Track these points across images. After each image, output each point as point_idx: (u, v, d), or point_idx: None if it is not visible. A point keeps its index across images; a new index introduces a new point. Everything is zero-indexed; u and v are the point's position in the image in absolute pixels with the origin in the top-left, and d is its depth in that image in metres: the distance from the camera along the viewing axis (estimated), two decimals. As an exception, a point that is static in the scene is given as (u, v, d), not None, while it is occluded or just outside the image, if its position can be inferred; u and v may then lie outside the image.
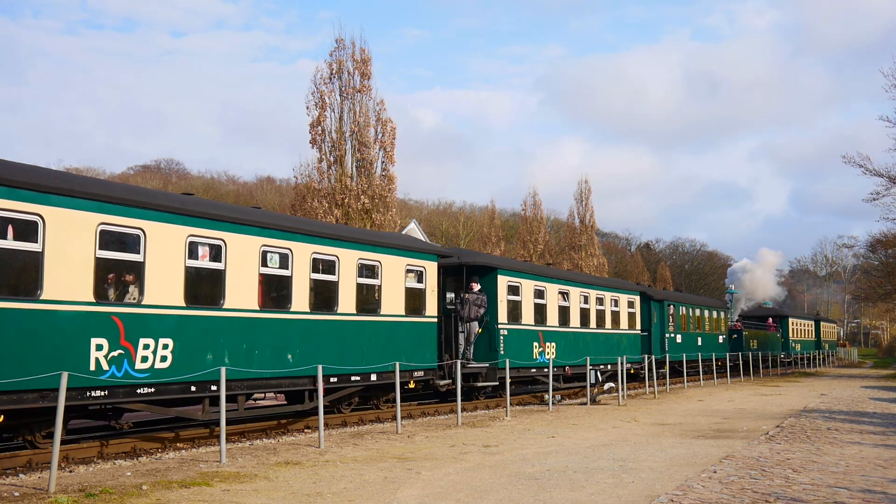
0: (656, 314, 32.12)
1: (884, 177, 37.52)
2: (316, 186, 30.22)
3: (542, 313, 23.11)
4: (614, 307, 28.23)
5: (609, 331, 27.66)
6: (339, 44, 31.16)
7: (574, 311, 25.15)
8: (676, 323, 34.02)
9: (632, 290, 30.44)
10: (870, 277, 60.37)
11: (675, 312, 33.97)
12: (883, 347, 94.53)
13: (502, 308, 21.05)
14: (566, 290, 24.76)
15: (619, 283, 30.93)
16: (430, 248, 19.31)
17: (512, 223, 71.89)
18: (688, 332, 35.54)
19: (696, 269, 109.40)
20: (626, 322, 29.10)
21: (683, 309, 35.49)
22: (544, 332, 23.04)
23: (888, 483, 9.94)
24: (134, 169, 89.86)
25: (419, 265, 18.19)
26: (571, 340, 24.74)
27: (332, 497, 8.98)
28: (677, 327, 34.00)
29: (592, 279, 28.85)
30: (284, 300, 14.68)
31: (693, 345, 35.86)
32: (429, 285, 18.33)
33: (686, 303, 36.48)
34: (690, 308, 36.59)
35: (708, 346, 38.02)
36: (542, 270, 24.34)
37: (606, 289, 28.11)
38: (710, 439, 14.50)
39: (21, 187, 10.47)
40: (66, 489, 9.23)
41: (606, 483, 9.88)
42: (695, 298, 40.78)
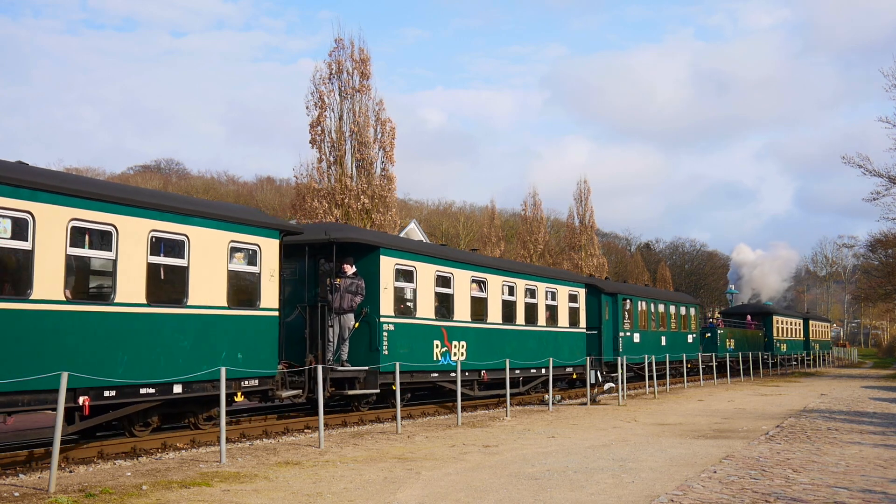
0: (608, 310, 28.20)
1: (884, 177, 37.54)
2: (316, 186, 30.23)
3: (447, 305, 19.28)
4: (550, 300, 24.11)
5: (542, 328, 23.53)
6: (338, 44, 31.20)
7: (493, 304, 21.12)
8: (634, 320, 29.88)
9: (575, 282, 26.36)
10: (870, 277, 60.41)
11: (632, 308, 29.80)
12: (883, 347, 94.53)
13: (387, 297, 17.20)
14: (482, 279, 20.72)
15: (557, 273, 26.83)
16: (268, 221, 14.66)
17: (512, 223, 71.88)
18: (648, 330, 31.42)
19: (697, 269, 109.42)
20: (567, 318, 25.04)
21: (643, 304, 31.30)
22: (450, 327, 19.12)
23: (888, 483, 9.94)
24: (134, 169, 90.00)
25: (250, 242, 13.94)
26: (489, 339, 20.73)
27: (332, 497, 8.98)
28: (635, 325, 29.93)
29: (521, 266, 24.87)
30: (21, 285, 10.56)
31: (655, 345, 31.73)
32: (266, 268, 14.15)
33: (646, 297, 32.21)
34: (652, 303, 32.38)
35: (674, 347, 33.76)
36: (447, 253, 20.37)
37: (540, 278, 23.94)
38: (710, 439, 14.50)
39: None
40: (66, 489, 9.23)
41: (606, 483, 9.88)
42: (658, 292, 36.60)
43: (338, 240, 16.52)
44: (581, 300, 26.13)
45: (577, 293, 26.01)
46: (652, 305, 32.29)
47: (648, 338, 31.24)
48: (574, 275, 28.85)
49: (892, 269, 49.97)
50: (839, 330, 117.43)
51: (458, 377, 17.69)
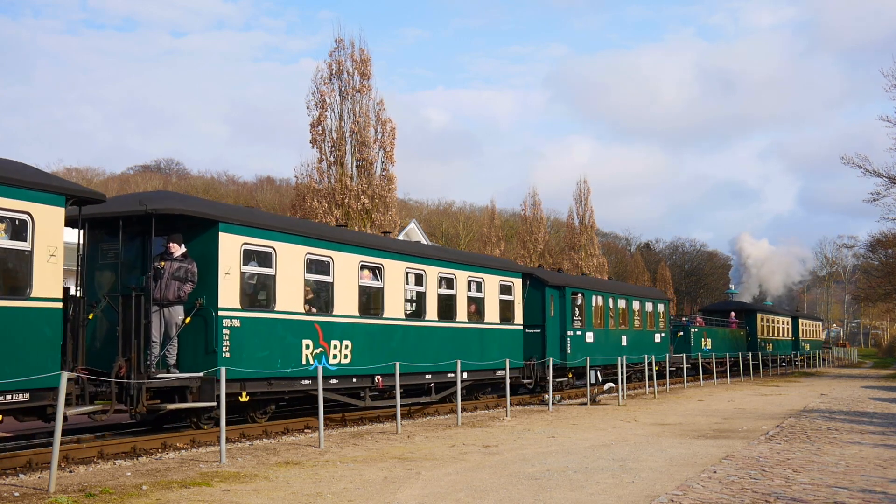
0: (554, 305, 24.46)
1: (884, 177, 37.54)
2: (316, 186, 30.25)
3: (325, 296, 15.86)
4: (475, 292, 20.47)
5: (463, 324, 19.88)
6: (338, 44, 31.23)
7: (393, 296, 17.54)
8: (587, 317, 26.25)
9: (508, 270, 22.34)
10: (870, 277, 60.41)
11: (584, 303, 26.13)
12: (883, 347, 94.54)
13: (230, 285, 13.69)
14: (377, 264, 17.18)
15: (484, 260, 22.95)
16: (45, 183, 10.94)
17: (512, 223, 71.89)
18: (605, 328, 27.80)
19: (696, 269, 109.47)
20: (498, 313, 21.36)
21: (599, 299, 27.57)
22: (328, 324, 15.69)
23: (888, 483, 9.95)
24: (134, 169, 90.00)
25: (15, 210, 10.41)
26: (386, 338, 17.28)
27: (332, 497, 8.99)
28: (588, 322, 26.27)
29: (433, 251, 20.99)
30: None
31: (614, 345, 28.17)
32: (41, 245, 10.64)
33: (603, 291, 28.36)
34: (611, 298, 28.60)
35: (638, 347, 30.11)
36: (322, 231, 16.57)
37: (460, 265, 20.09)
38: (710, 439, 14.50)
39: None
40: (66, 489, 9.24)
41: (606, 483, 9.88)
42: (618, 286, 32.02)
43: (157, 211, 13.05)
44: (517, 292, 22.31)
45: (512, 284, 22.15)
46: (610, 301, 28.53)
47: (605, 337, 27.62)
48: (507, 262, 24.46)
49: (892, 269, 50.01)
50: (839, 330, 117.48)
51: (318, 384, 13.59)
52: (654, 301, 32.95)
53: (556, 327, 24.58)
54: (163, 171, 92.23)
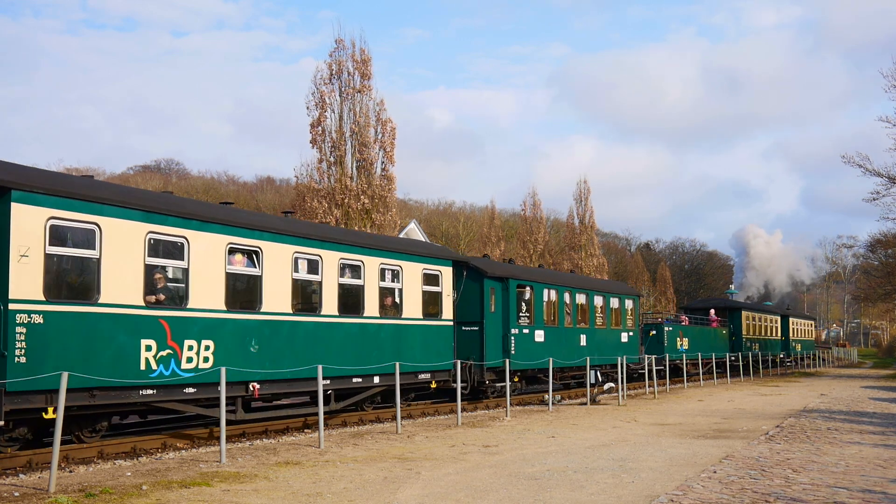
0: (496, 299, 21.59)
1: (884, 177, 37.54)
2: (316, 186, 30.25)
3: (177, 286, 13.03)
4: (390, 282, 17.65)
5: (372, 320, 16.92)
6: (338, 44, 31.21)
7: (276, 286, 14.63)
8: (536, 313, 23.30)
9: (434, 258, 19.25)
10: (870, 277, 60.37)
11: (533, 297, 23.21)
12: (883, 347, 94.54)
13: (28, 271, 10.89)
14: (253, 248, 14.26)
15: (402, 245, 19.16)
16: None
17: (512, 223, 71.90)
18: (559, 326, 24.79)
19: (696, 269, 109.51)
20: (420, 307, 18.49)
21: (552, 293, 24.53)
22: (179, 319, 12.80)
23: (888, 483, 9.95)
24: (134, 169, 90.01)
25: None
26: (266, 336, 14.40)
27: (332, 497, 8.99)
28: (537, 319, 23.36)
29: (334, 233, 17.08)
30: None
31: (570, 345, 25.33)
32: None
33: (556, 284, 25.09)
34: (567, 292, 25.49)
35: (601, 347, 27.29)
36: (172, 206, 13.11)
37: (370, 251, 17.10)
38: (710, 439, 14.50)
39: None
40: (66, 489, 9.24)
41: (606, 483, 9.88)
42: (575, 279, 28.47)
43: None
44: (445, 283, 19.40)
45: (439, 273, 19.20)
46: (566, 295, 25.47)
47: (558, 336, 24.62)
48: (434, 247, 21.31)
49: (892, 269, 49.98)
50: (839, 330, 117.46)
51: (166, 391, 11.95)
52: (620, 296, 29.61)
53: (498, 324, 21.64)
54: (163, 171, 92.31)
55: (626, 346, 29.28)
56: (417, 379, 18.45)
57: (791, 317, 54.38)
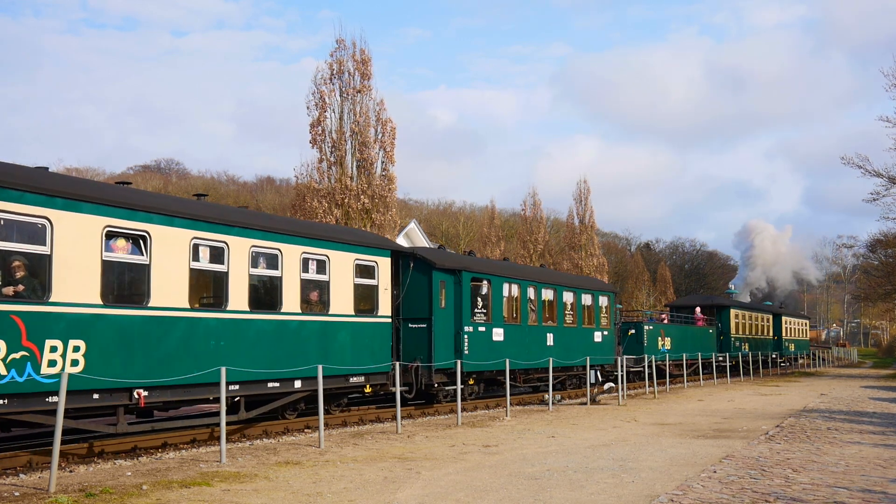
0: (446, 294, 19.45)
1: (883, 177, 37.55)
2: (316, 186, 30.26)
3: (34, 276, 11.10)
4: (314, 273, 15.75)
5: (291, 316, 15.11)
6: (339, 44, 31.20)
7: (168, 277, 12.65)
8: (494, 309, 21.12)
9: (369, 247, 17.32)
10: (870, 277, 60.33)
11: (490, 292, 21.06)
12: (883, 347, 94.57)
13: None
14: (140, 232, 12.41)
15: (329, 232, 17.03)
16: None
17: (512, 223, 71.92)
18: (522, 324, 22.61)
19: (696, 269, 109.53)
20: (352, 302, 16.62)
21: (513, 288, 22.29)
22: (34, 315, 10.92)
23: (888, 483, 9.95)
24: (134, 169, 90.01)
25: None
26: (148, 335, 12.38)
27: (332, 497, 8.99)
28: (496, 316, 21.18)
29: (240, 216, 14.79)
30: None
31: (534, 345, 23.11)
32: None
33: (518, 278, 22.77)
34: (531, 287, 23.26)
35: (571, 348, 25.14)
36: (32, 179, 11.19)
37: (289, 238, 15.23)
38: (710, 439, 14.50)
39: None
40: (66, 489, 9.24)
41: (606, 483, 9.88)
42: (541, 273, 25.70)
43: None
44: (383, 275, 17.53)
45: (375, 265, 17.33)
46: (530, 290, 23.26)
47: (520, 335, 22.40)
48: (368, 236, 19.02)
49: (892, 269, 49.96)
50: (839, 330, 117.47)
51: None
52: (593, 293, 27.33)
53: (449, 321, 19.50)
54: (163, 170, 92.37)
55: (599, 347, 27.16)
56: (348, 383, 16.64)
57: (784, 315, 52.70)
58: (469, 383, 20.80)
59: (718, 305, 43.06)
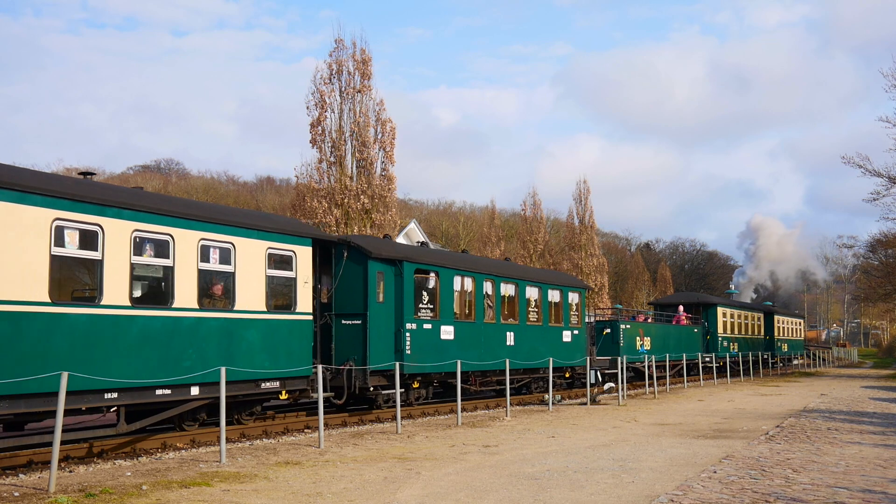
0: (385, 286, 17.57)
1: (884, 177, 37.53)
2: (316, 186, 30.26)
3: None
4: (216, 263, 13.68)
5: (186, 312, 13.01)
6: (338, 44, 31.22)
7: (20, 264, 10.77)
8: (443, 304, 19.12)
9: (284, 234, 15.25)
10: (870, 277, 60.32)
11: (439, 286, 19.10)
12: (883, 347, 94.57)
13: None
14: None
15: (236, 216, 14.72)
16: None
17: (512, 223, 71.95)
18: (476, 321, 20.48)
19: (696, 269, 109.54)
20: (264, 297, 14.56)
21: (466, 281, 20.22)
22: None
23: (888, 483, 9.95)
24: (134, 169, 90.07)
25: None
26: (6, 333, 10.58)
27: (332, 497, 8.99)
28: (445, 313, 19.16)
29: (115, 195, 12.43)
30: None
31: (491, 344, 21.12)
32: None
33: (472, 271, 20.59)
34: (487, 281, 21.16)
35: (533, 347, 23.08)
36: None
37: (182, 222, 13.12)
38: (710, 439, 14.50)
39: None
40: (66, 489, 9.24)
41: (606, 483, 9.88)
42: (499, 266, 23.57)
43: None
44: (302, 267, 15.48)
45: (293, 254, 15.30)
46: (487, 285, 21.15)
47: (474, 333, 20.42)
48: (285, 221, 16.67)
49: (892, 269, 49.94)
50: (839, 330, 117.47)
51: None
52: (562, 289, 25.26)
53: (389, 318, 17.64)
54: (163, 170, 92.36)
55: (568, 347, 25.10)
56: (260, 389, 14.60)
57: (776, 314, 50.50)
58: (414, 387, 18.92)
59: (704, 303, 40.75)
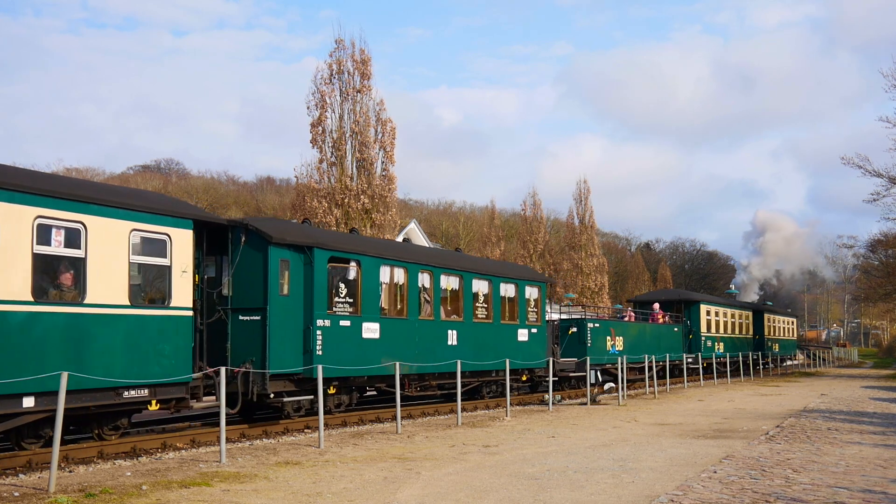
0: (291, 277, 15.21)
1: (884, 177, 37.53)
2: (316, 186, 30.27)
3: None
4: (61, 247, 11.34)
5: (20, 306, 10.70)
6: (338, 44, 31.26)
7: None
8: (366, 298, 16.76)
9: (156, 213, 12.69)
10: (870, 277, 60.32)
11: (361, 277, 16.65)
12: (883, 347, 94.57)
13: None
14: None
15: (86, 191, 12.05)
16: None
17: (513, 223, 71.97)
18: (408, 318, 18.05)
19: (696, 269, 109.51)
20: (127, 290, 12.11)
21: (396, 273, 17.84)
22: None
23: (888, 483, 9.95)
24: (134, 169, 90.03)
25: None
26: None
27: (332, 497, 8.99)
28: (368, 307, 16.81)
29: None
30: None
31: (429, 343, 18.61)
32: None
33: (403, 260, 18.09)
34: (424, 272, 18.67)
35: (481, 347, 20.46)
36: None
37: (9, 195, 10.63)
38: (710, 439, 14.50)
39: None
40: (66, 489, 9.24)
41: (606, 483, 9.88)
42: (437, 255, 21.05)
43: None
44: (179, 253, 12.91)
45: (167, 238, 12.73)
46: (422, 277, 18.67)
47: (407, 331, 18.07)
48: (154, 197, 13.75)
49: (892, 269, 49.94)
50: (839, 330, 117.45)
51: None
52: (517, 282, 22.51)
53: (296, 313, 15.28)
54: (163, 170, 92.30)
55: (524, 347, 22.48)
56: (121, 398, 12.09)
57: (766, 312, 47.84)
58: (330, 392, 16.42)
59: (686, 300, 38.01)
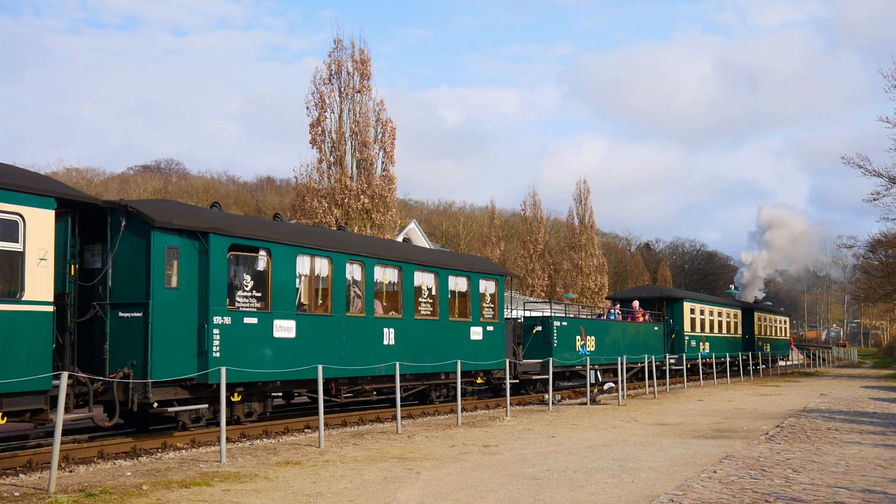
0: (181, 267, 13.19)
1: (884, 177, 37.54)
2: (316, 187, 30.28)
3: None
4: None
5: None
6: (337, 44, 31.29)
7: None
8: (278, 292, 14.74)
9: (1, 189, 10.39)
10: (870, 278, 60.32)
11: (271, 268, 14.64)
12: (883, 347, 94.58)
13: None
14: None
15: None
16: None
17: (513, 223, 71.99)
18: (336, 314, 16.08)
19: (697, 269, 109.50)
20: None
21: (319, 263, 15.85)
22: None
23: (888, 483, 9.95)
24: (134, 169, 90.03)
25: None
26: None
27: (332, 497, 8.99)
28: (281, 302, 14.79)
29: None
30: None
31: (360, 343, 16.67)
32: None
33: (328, 249, 16.01)
34: (354, 264, 16.62)
35: (424, 346, 18.54)
36: None
37: None
38: (710, 439, 14.50)
39: None
40: (66, 489, 9.24)
41: (606, 483, 9.88)
42: (371, 244, 18.29)
43: None
44: (35, 236, 10.78)
45: (19, 219, 10.62)
46: (352, 268, 16.65)
47: (332, 329, 16.04)
48: (3, 170, 10.78)
49: (892, 269, 49.94)
50: (839, 330, 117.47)
51: None
52: (470, 275, 20.37)
53: (189, 309, 13.26)
54: (163, 170, 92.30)
55: (478, 346, 20.46)
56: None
57: (756, 311, 45.98)
58: (234, 399, 14.52)
59: (668, 298, 35.80)
